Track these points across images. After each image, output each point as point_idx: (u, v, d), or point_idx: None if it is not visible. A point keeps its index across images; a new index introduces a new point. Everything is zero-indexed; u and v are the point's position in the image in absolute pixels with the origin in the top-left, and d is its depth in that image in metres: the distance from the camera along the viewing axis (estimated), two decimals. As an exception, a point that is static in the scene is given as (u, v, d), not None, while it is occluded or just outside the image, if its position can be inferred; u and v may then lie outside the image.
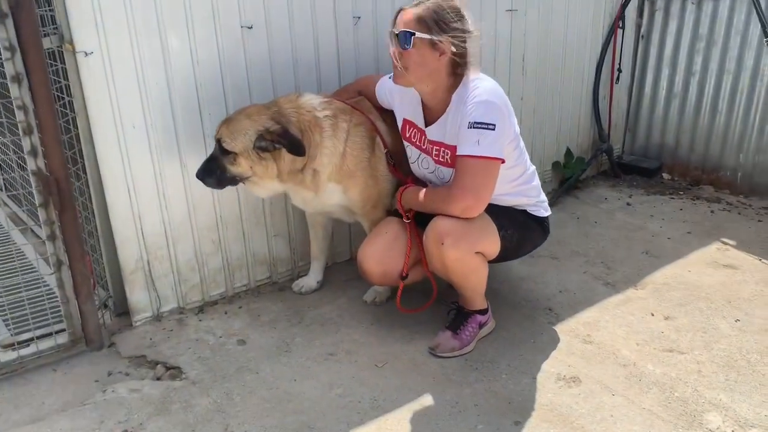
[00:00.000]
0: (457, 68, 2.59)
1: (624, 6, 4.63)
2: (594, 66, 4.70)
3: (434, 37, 2.49)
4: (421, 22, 2.49)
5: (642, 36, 4.90)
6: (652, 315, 3.07)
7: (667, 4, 4.73)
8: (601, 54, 4.69)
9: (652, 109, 4.99)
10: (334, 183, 2.91)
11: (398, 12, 2.58)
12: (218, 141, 2.73)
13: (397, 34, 2.52)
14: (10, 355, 2.68)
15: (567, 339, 2.89)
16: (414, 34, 2.48)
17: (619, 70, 4.83)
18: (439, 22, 2.49)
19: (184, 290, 3.15)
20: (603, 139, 4.87)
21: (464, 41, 2.54)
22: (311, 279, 3.38)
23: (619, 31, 4.69)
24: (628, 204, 4.48)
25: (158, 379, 2.67)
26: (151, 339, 2.93)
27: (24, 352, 2.70)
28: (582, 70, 4.63)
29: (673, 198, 4.57)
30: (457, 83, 2.62)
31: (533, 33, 4.16)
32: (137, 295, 3.01)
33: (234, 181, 2.81)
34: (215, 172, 2.77)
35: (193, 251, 3.12)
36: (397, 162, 3.01)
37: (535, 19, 4.14)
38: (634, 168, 5.01)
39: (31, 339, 2.74)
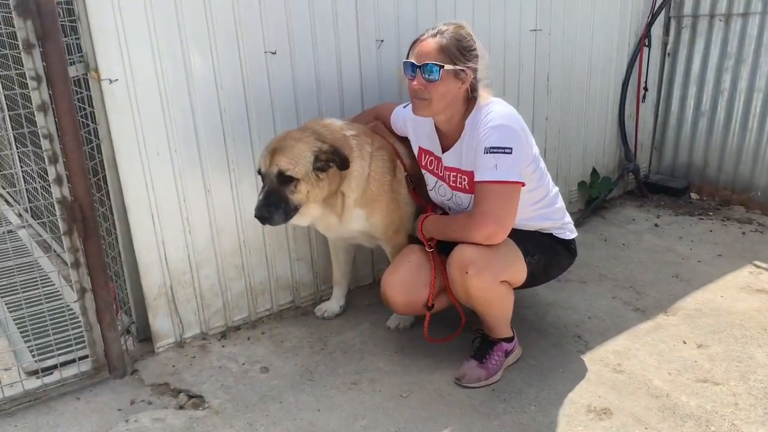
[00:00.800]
0: (472, 93, 2.56)
1: (650, 24, 4.57)
2: (619, 85, 4.64)
3: (459, 67, 2.47)
4: (446, 53, 2.46)
5: (668, 54, 4.83)
6: (684, 343, 2.99)
7: (694, 21, 4.66)
8: (626, 72, 4.63)
9: (679, 128, 4.90)
10: (359, 209, 2.88)
11: (415, 42, 2.56)
12: (279, 172, 2.61)
13: (419, 66, 2.49)
14: (35, 382, 2.68)
15: (597, 368, 2.82)
16: (443, 66, 2.45)
17: (645, 89, 4.76)
18: (462, 51, 2.48)
19: (207, 315, 3.13)
20: (629, 159, 4.79)
21: (477, 66, 2.53)
22: (334, 304, 3.35)
23: (645, 49, 4.63)
24: (656, 225, 4.39)
25: (181, 407, 2.64)
26: (173, 366, 2.91)
27: (48, 379, 2.69)
28: (607, 88, 4.57)
29: (702, 219, 4.48)
30: (471, 108, 2.59)
31: (557, 52, 4.12)
32: (160, 321, 3.00)
33: (293, 214, 2.67)
34: (280, 205, 2.61)
35: (217, 276, 3.11)
36: (417, 185, 2.98)
37: (560, 39, 4.10)
38: (661, 188, 4.93)
39: (55, 366, 2.74)
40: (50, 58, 2.38)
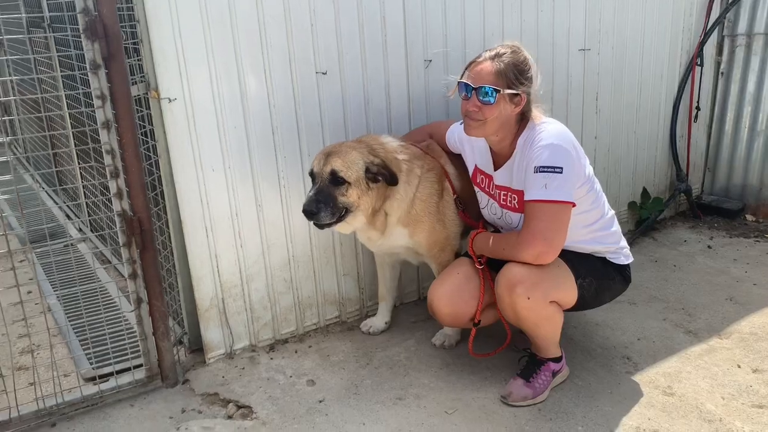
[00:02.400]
0: (526, 113, 2.58)
1: (702, 43, 4.51)
2: (670, 104, 4.58)
3: (514, 91, 2.50)
4: (503, 77, 2.49)
5: (721, 73, 4.74)
6: (739, 367, 2.90)
7: (749, 40, 4.57)
8: (678, 92, 4.56)
9: (734, 148, 4.79)
10: (401, 227, 2.92)
11: (471, 62, 2.58)
12: (331, 172, 2.70)
13: (475, 88, 2.52)
14: (92, 389, 2.78)
15: (646, 390, 2.76)
16: (500, 90, 2.48)
17: (698, 108, 4.68)
18: (518, 75, 2.50)
19: (257, 328, 3.20)
20: (681, 179, 4.70)
21: (531, 88, 2.55)
22: (379, 320, 3.37)
23: (697, 68, 4.56)
24: (709, 247, 4.29)
25: (230, 417, 2.70)
26: (223, 377, 2.98)
27: (104, 386, 2.78)
28: (658, 108, 4.51)
29: (758, 241, 4.35)
30: (523, 128, 2.60)
31: (607, 72, 4.10)
32: (211, 333, 3.08)
33: (341, 215, 2.73)
34: (329, 203, 2.67)
35: (266, 290, 3.18)
36: (467, 207, 3.00)
37: (609, 58, 4.08)
38: (714, 209, 4.81)
39: (111, 373, 2.84)
40: (114, 78, 2.50)
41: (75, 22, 2.50)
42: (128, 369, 2.87)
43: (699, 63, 4.56)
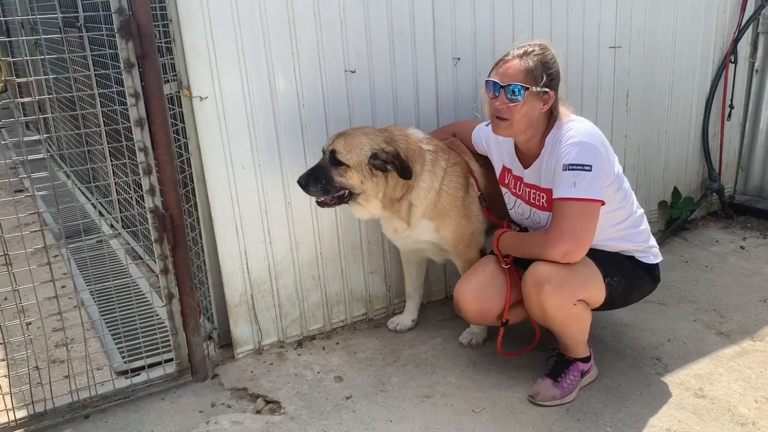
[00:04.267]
0: (554, 112, 2.57)
1: (736, 40, 4.42)
2: (703, 102, 4.50)
3: (543, 89, 2.48)
4: (531, 75, 2.48)
5: (756, 71, 4.65)
6: (773, 370, 2.86)
7: (784, 37, 4.48)
8: (710, 90, 4.48)
9: (768, 147, 4.70)
10: (427, 220, 2.92)
11: (499, 61, 2.58)
12: (332, 152, 2.75)
13: (503, 86, 2.51)
14: (124, 382, 2.83)
15: (677, 392, 2.73)
16: (528, 88, 2.47)
17: (731, 107, 4.60)
18: (547, 73, 2.49)
19: (285, 324, 3.23)
20: (713, 178, 4.62)
21: (559, 86, 2.54)
22: (406, 317, 3.38)
23: (731, 65, 4.48)
24: (741, 247, 4.21)
25: (258, 412, 2.73)
26: (252, 372, 3.01)
27: (136, 380, 2.83)
28: (690, 106, 4.44)
29: (793, 242, 4.27)
30: (551, 126, 2.58)
31: (637, 70, 4.05)
32: (240, 328, 3.11)
33: (338, 195, 2.78)
34: (321, 180, 2.75)
35: (294, 286, 3.21)
36: (491, 204, 2.99)
37: (640, 56, 4.03)
38: (747, 209, 4.72)
39: (143, 367, 2.89)
40: (148, 77, 2.55)
41: (109, 21, 2.54)
42: (159, 363, 2.92)
43: (733, 60, 4.47)
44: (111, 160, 4.48)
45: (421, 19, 3.18)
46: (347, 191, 2.79)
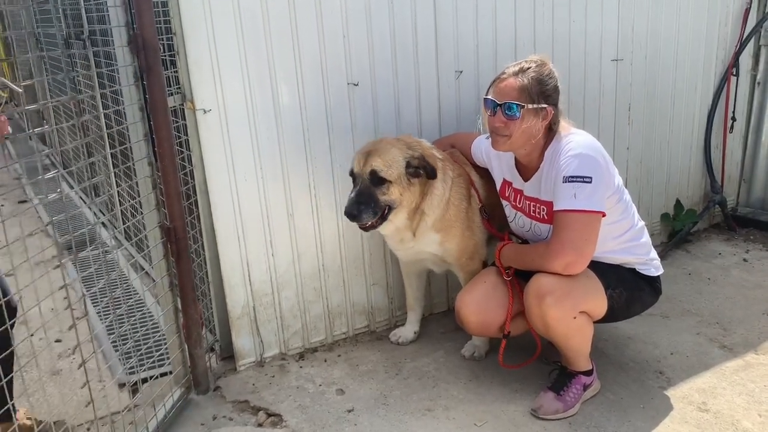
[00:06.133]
0: (553, 126, 2.58)
1: (738, 53, 4.44)
2: (705, 114, 4.51)
3: (540, 106, 2.50)
4: (526, 93, 2.49)
5: (758, 83, 4.66)
6: (776, 384, 2.85)
7: (786, 50, 4.49)
8: (712, 102, 4.49)
9: (771, 159, 4.70)
10: (434, 232, 2.92)
11: (496, 79, 2.60)
12: (372, 172, 2.73)
13: (500, 104, 2.53)
14: (125, 394, 2.82)
15: (680, 406, 2.72)
16: (524, 106, 2.49)
17: (733, 119, 4.60)
18: (543, 89, 2.51)
19: (287, 336, 3.23)
20: (715, 191, 4.62)
21: (558, 101, 2.56)
22: (408, 330, 3.38)
23: (733, 78, 4.49)
24: (744, 260, 4.21)
25: (260, 425, 2.73)
26: (253, 384, 3.01)
27: (137, 392, 2.83)
28: (692, 118, 4.45)
29: (796, 254, 4.26)
30: (551, 139, 2.59)
31: (639, 82, 4.06)
32: (242, 340, 3.11)
33: (384, 214, 2.76)
34: (370, 203, 2.71)
35: (296, 298, 3.21)
36: (491, 216, 2.99)
37: (642, 68, 4.05)
38: (750, 221, 4.72)
39: (144, 380, 2.88)
40: (152, 91, 2.56)
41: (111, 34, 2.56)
42: (162, 375, 2.91)
43: (735, 73, 4.49)
44: (115, 172, 4.50)
45: (424, 31, 3.19)
46: (388, 207, 2.78)
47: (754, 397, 2.76)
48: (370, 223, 2.75)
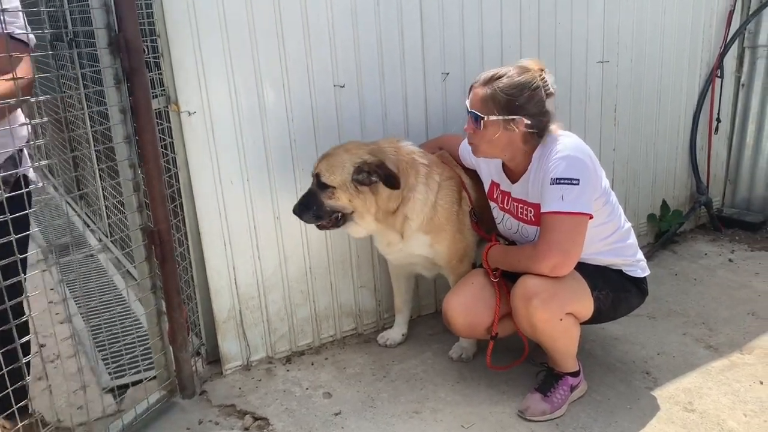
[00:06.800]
0: (535, 133, 2.55)
1: (722, 55, 4.47)
2: (690, 116, 4.54)
3: (504, 118, 2.48)
4: (490, 104, 2.48)
5: (742, 85, 4.70)
6: (761, 383, 2.86)
7: (769, 51, 4.53)
8: (697, 104, 4.52)
9: (755, 160, 4.73)
10: (422, 234, 2.90)
11: (471, 86, 2.59)
12: (317, 175, 2.75)
13: (469, 111, 2.53)
14: (110, 399, 2.80)
15: (666, 406, 2.73)
16: (484, 117, 2.48)
17: (718, 120, 4.63)
18: (510, 102, 2.47)
19: (273, 340, 3.21)
20: (701, 191, 4.65)
21: (542, 108, 2.52)
22: (396, 332, 3.37)
23: (717, 80, 4.52)
24: (730, 260, 4.23)
25: (246, 429, 2.71)
26: (240, 388, 2.99)
27: (122, 397, 2.80)
28: (677, 120, 4.48)
29: (780, 254, 4.29)
30: (537, 143, 2.59)
31: (625, 84, 4.08)
32: (228, 344, 3.09)
33: (334, 217, 2.78)
34: (312, 206, 2.76)
35: (283, 302, 3.19)
36: (480, 218, 2.99)
37: (627, 70, 4.06)
38: (735, 222, 4.75)
39: (129, 384, 2.86)
40: (136, 93, 2.53)
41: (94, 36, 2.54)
42: (146, 379, 2.89)
43: (719, 75, 4.52)
44: (100, 174, 4.47)
45: (410, 33, 3.19)
46: (339, 213, 2.78)
47: (739, 396, 2.77)
48: (321, 224, 2.81)
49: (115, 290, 3.94)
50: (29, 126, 2.22)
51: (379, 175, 2.70)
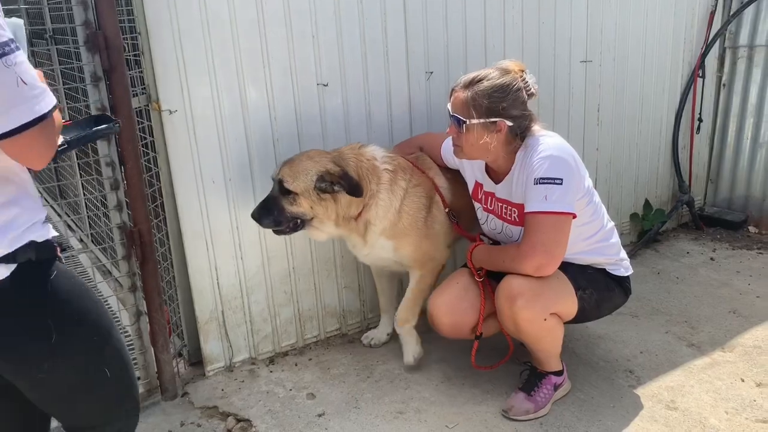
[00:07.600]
0: (518, 134, 2.55)
1: (704, 55, 4.50)
2: (672, 115, 4.57)
3: (486, 120, 2.48)
4: (471, 108, 2.48)
5: (723, 85, 4.74)
6: (743, 381, 2.88)
7: (750, 52, 4.57)
8: (680, 103, 4.56)
9: (736, 160, 4.78)
10: (385, 239, 2.88)
11: (452, 89, 2.59)
12: (279, 181, 2.72)
13: (451, 115, 2.53)
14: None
15: (649, 404, 2.74)
16: (466, 121, 2.48)
17: (700, 120, 4.67)
18: (492, 105, 2.47)
19: (256, 341, 3.18)
20: (683, 191, 4.68)
21: (524, 110, 2.53)
22: (381, 332, 3.35)
23: (699, 80, 4.56)
24: (711, 259, 4.27)
25: (229, 431, 2.68)
26: (222, 389, 2.96)
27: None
28: (660, 119, 4.51)
29: (761, 253, 4.33)
30: (519, 144, 2.58)
31: (608, 84, 4.10)
32: (211, 345, 3.06)
33: (293, 223, 2.75)
34: (273, 211, 2.73)
35: (266, 302, 3.17)
36: (460, 219, 2.98)
37: (610, 70, 4.08)
38: (717, 221, 4.79)
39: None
40: (116, 91, 2.50)
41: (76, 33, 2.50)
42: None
43: (701, 75, 4.55)
44: (81, 175, 4.40)
45: (394, 32, 3.18)
46: (299, 219, 2.76)
47: (721, 394, 2.79)
48: (280, 229, 2.77)
49: (98, 294, 3.88)
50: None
51: (342, 185, 2.69)
